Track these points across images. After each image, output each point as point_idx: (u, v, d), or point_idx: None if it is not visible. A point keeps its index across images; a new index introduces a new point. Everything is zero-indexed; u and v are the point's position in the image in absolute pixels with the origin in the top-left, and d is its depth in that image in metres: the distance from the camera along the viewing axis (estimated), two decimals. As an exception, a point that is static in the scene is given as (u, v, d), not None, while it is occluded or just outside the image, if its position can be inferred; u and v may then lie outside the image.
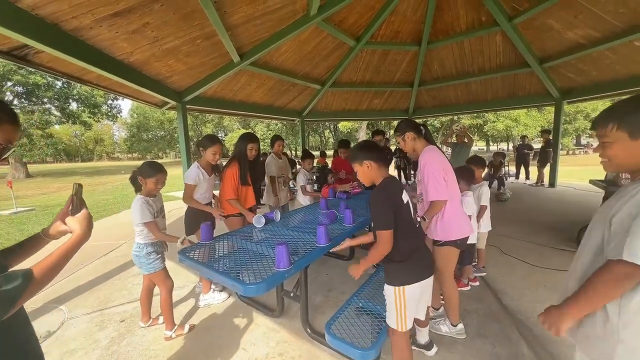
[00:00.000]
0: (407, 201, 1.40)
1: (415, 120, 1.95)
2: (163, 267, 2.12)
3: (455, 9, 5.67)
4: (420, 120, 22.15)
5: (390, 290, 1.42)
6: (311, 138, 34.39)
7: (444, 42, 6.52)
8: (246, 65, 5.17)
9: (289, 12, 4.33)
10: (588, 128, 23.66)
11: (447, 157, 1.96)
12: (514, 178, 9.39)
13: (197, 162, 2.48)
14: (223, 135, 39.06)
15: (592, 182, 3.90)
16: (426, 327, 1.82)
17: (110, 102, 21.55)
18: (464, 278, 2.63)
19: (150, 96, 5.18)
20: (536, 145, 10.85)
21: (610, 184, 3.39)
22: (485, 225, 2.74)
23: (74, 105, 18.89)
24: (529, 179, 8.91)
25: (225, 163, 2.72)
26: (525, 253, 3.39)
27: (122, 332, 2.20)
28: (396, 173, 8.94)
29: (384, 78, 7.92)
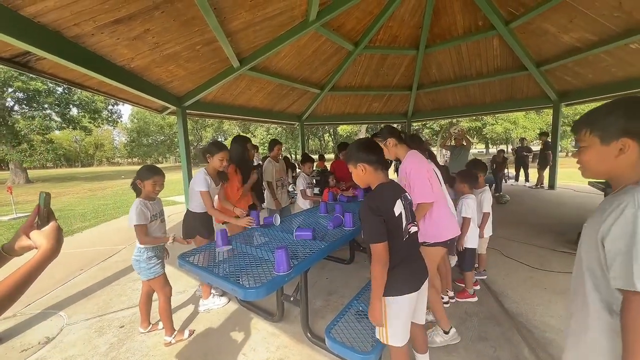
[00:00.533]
0: (400, 212, 1.28)
1: (394, 127, 1.98)
2: (162, 272, 2.11)
3: (452, 14, 5.74)
4: (418, 124, 21.99)
5: (383, 300, 1.33)
6: (311, 142, 34.49)
7: (442, 47, 6.58)
8: (246, 70, 5.22)
9: (287, 17, 4.38)
10: (586, 130, 23.72)
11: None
12: (514, 180, 9.41)
13: (203, 169, 2.44)
14: (223, 139, 39.16)
15: (591, 183, 3.91)
16: (426, 353, 1.72)
17: (110, 107, 21.65)
18: (468, 287, 2.51)
19: (151, 101, 5.22)
20: (535, 147, 10.89)
21: (609, 186, 3.40)
22: (486, 231, 2.70)
23: (74, 111, 18.98)
24: (529, 181, 8.93)
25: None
26: (525, 255, 3.39)
27: (122, 338, 2.19)
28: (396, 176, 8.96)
29: (382, 82, 7.98)
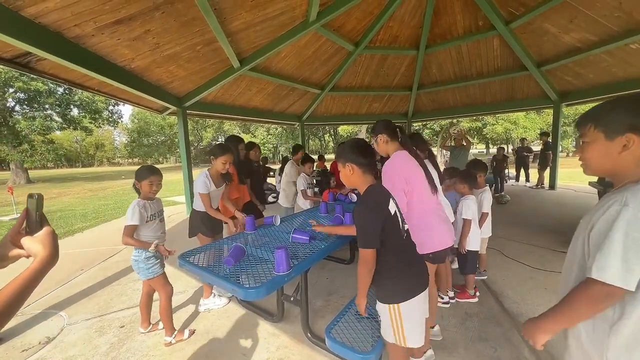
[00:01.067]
0: (395, 211, 1.27)
1: (393, 122, 1.81)
2: (162, 272, 2.10)
3: (452, 14, 5.75)
4: (419, 124, 21.92)
5: (384, 308, 1.29)
6: (311, 142, 34.52)
7: (442, 47, 6.59)
8: (246, 71, 5.23)
9: (288, 18, 4.39)
10: (587, 130, 23.68)
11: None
12: (514, 180, 9.40)
13: (206, 171, 2.46)
14: (223, 139, 39.15)
15: (591, 183, 3.91)
16: (429, 349, 1.70)
17: (111, 107, 21.69)
18: (469, 288, 2.49)
19: (151, 102, 5.23)
20: (536, 147, 10.88)
21: (608, 186, 3.40)
22: (485, 231, 2.70)
23: (75, 111, 19.02)
24: (529, 181, 8.92)
25: None
26: (525, 256, 3.38)
27: (122, 337, 2.19)
28: None
29: (382, 82, 7.99)
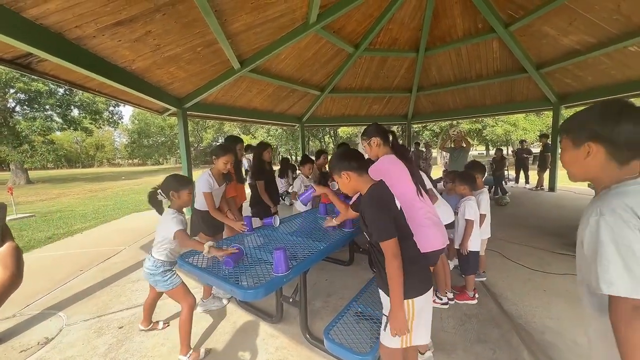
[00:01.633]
0: (400, 207, 1.33)
1: (384, 127, 1.86)
2: (181, 281, 1.99)
3: (451, 17, 5.78)
4: (419, 126, 21.87)
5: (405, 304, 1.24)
6: (311, 143, 34.55)
7: (442, 49, 6.62)
8: (246, 72, 5.25)
9: (288, 20, 4.42)
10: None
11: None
12: (514, 182, 9.41)
13: (209, 170, 2.51)
14: (223, 140, 39.20)
15: (590, 186, 3.91)
16: (429, 350, 1.71)
17: (111, 108, 21.75)
18: (469, 290, 2.48)
19: (152, 103, 5.24)
20: (535, 149, 10.90)
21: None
22: (484, 233, 2.69)
23: (75, 112, 19.06)
24: (529, 183, 8.92)
25: None
26: (525, 257, 3.38)
27: (121, 338, 2.18)
28: None
29: (382, 84, 8.01)
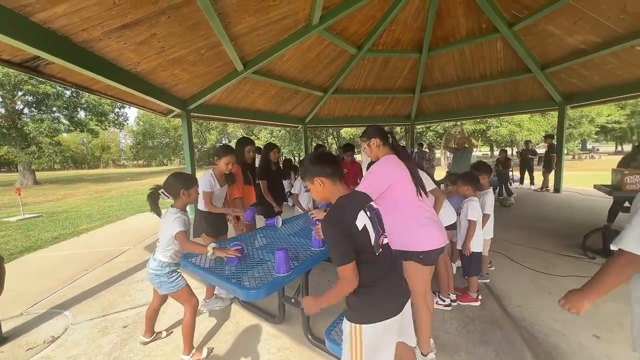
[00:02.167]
0: (365, 225, 1.15)
1: (383, 128, 1.87)
2: (186, 283, 1.96)
3: (455, 17, 5.75)
4: (422, 127, 21.75)
5: (346, 324, 1.19)
6: (314, 144, 34.63)
7: (445, 50, 6.59)
8: (250, 74, 5.28)
9: (291, 22, 4.44)
10: (593, 132, 23.44)
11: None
12: (519, 183, 9.32)
13: (211, 171, 2.54)
14: (227, 141, 39.49)
15: (596, 187, 3.86)
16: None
17: (117, 110, 21.99)
18: (472, 291, 2.46)
19: (156, 105, 5.30)
20: (540, 150, 10.78)
21: (614, 189, 3.36)
22: (487, 233, 2.68)
23: (82, 114, 19.33)
24: (534, 184, 8.83)
25: None
26: (529, 259, 3.35)
27: (125, 337, 2.21)
28: None
29: (385, 85, 8.00)
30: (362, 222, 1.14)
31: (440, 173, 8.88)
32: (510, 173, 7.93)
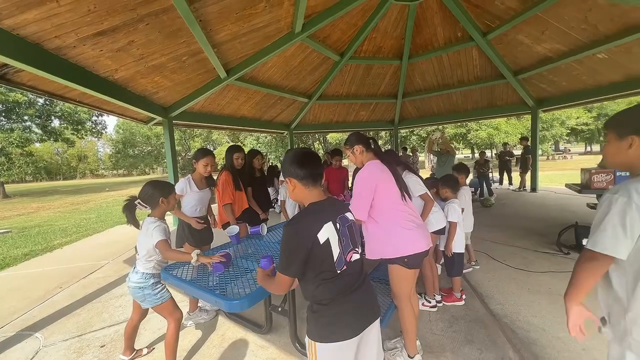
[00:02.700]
0: (328, 239, 1.06)
1: (364, 134, 1.92)
2: (171, 295, 1.89)
3: (432, 26, 5.99)
4: (406, 131, 22.30)
5: (306, 340, 1.13)
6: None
7: (424, 57, 6.83)
8: (233, 80, 5.25)
9: (274, 29, 4.47)
10: (564, 134, 24.89)
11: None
12: (498, 184, 9.70)
13: (189, 175, 2.54)
14: (212, 149, 38.77)
15: (567, 185, 4.08)
16: None
17: (95, 118, 21.17)
18: (456, 291, 2.51)
19: (136, 112, 5.16)
20: (517, 152, 11.29)
21: (583, 187, 3.57)
22: (467, 226, 2.92)
23: (56, 123, 18.46)
24: (512, 184, 9.22)
25: (218, 174, 2.90)
26: (510, 257, 3.47)
27: (102, 358, 2.09)
28: None
29: (368, 91, 8.17)
30: (325, 235, 1.06)
31: (424, 176, 9.12)
32: (490, 174, 8.25)
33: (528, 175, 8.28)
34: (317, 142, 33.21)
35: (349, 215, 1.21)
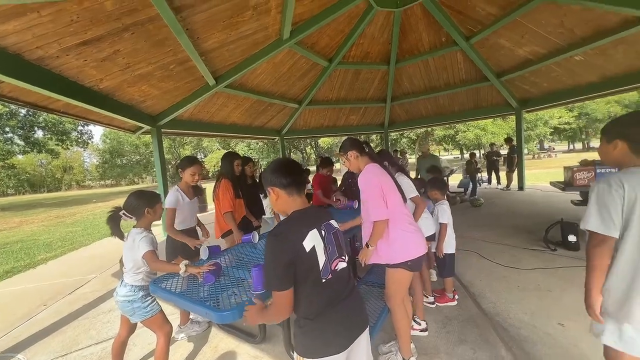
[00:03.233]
0: (314, 246, 1.03)
1: (357, 139, 1.92)
2: (160, 308, 1.84)
3: (417, 31, 6.14)
4: (396, 134, 22.57)
5: (294, 355, 1.11)
6: (293, 155, 34.66)
7: (411, 61, 6.98)
8: (222, 88, 5.24)
9: (262, 37, 4.50)
10: (548, 133, 25.72)
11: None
12: (487, 183, 9.91)
13: (176, 186, 2.45)
14: (203, 156, 38.37)
15: (552, 183, 4.21)
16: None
17: (80, 128, 20.71)
18: (448, 291, 2.54)
19: (124, 122, 5.07)
20: (504, 151, 11.59)
21: (567, 185, 3.68)
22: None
23: (39, 133, 17.95)
24: (500, 183, 9.43)
25: (215, 183, 2.83)
26: (500, 255, 3.54)
27: (90, 377, 2.02)
28: None
29: (358, 95, 8.27)
30: (311, 242, 1.03)
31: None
32: (479, 175, 8.42)
33: (515, 174, 8.49)
34: (309, 146, 33.30)
35: (333, 223, 1.19)
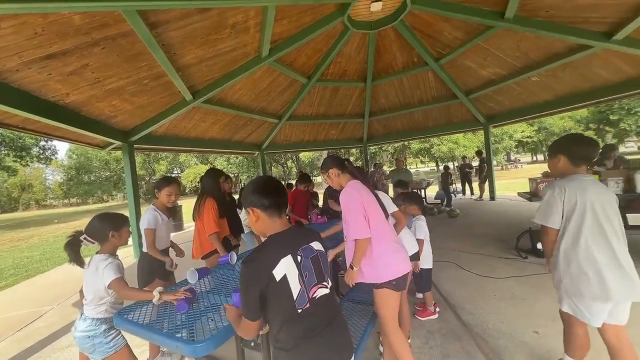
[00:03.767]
0: (285, 275, 0.98)
1: (338, 156, 1.93)
2: (126, 342, 1.69)
3: (391, 52, 6.48)
4: (375, 148, 23.28)
5: None
6: (274, 169, 34.43)
7: (386, 79, 7.32)
8: (200, 103, 5.15)
9: (240, 54, 4.52)
10: (513, 146, 27.80)
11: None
12: (461, 194, 10.38)
13: (152, 205, 2.34)
14: (179, 172, 37.05)
15: (519, 194, 4.48)
16: None
17: (43, 143, 19.32)
18: (429, 305, 2.57)
19: (92, 138, 4.80)
20: (476, 163, 12.29)
21: (532, 195, 3.94)
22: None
23: (-6, 149, 16.51)
24: (474, 194, 9.91)
25: (197, 201, 2.67)
26: (476, 265, 3.65)
27: None
28: None
29: (337, 111, 8.48)
30: (282, 271, 0.98)
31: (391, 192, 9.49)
32: (452, 186, 8.80)
33: (487, 185, 8.98)
34: (290, 160, 33.31)
35: (314, 246, 1.12)
